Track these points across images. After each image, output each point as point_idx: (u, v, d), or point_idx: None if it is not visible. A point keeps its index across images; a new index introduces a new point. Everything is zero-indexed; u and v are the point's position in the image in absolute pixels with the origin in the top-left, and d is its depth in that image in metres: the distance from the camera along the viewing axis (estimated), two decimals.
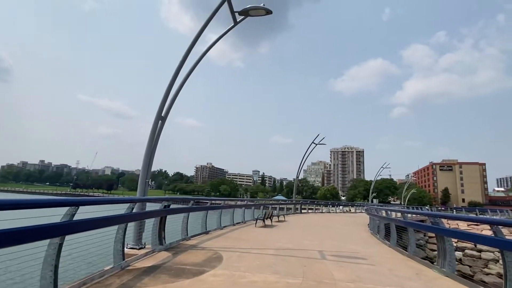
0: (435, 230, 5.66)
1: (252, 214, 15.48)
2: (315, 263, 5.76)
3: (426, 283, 4.77)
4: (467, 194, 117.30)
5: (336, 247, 8.12)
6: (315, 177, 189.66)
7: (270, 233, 10.63)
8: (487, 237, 4.16)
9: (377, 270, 5.45)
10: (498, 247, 4.06)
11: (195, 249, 6.76)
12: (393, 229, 8.80)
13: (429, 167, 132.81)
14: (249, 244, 7.80)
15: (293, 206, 23.82)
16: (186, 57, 7.42)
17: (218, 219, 11.00)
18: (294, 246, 7.71)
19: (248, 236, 9.38)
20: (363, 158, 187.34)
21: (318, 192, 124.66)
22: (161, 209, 6.54)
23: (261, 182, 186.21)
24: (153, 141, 7.13)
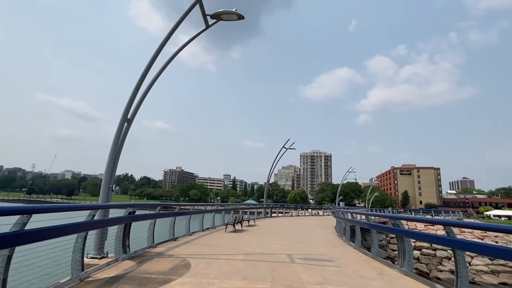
0: (396, 231, 5.99)
1: (222, 219, 15.31)
2: (284, 267, 5.82)
3: (388, 282, 5.01)
4: (424, 196, 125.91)
5: (304, 250, 8.28)
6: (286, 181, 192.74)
7: (240, 238, 10.57)
8: (440, 237, 4.49)
9: (342, 272, 5.63)
10: (450, 246, 4.40)
11: (161, 256, 6.51)
12: (358, 231, 9.17)
13: (391, 171, 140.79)
14: (218, 250, 7.68)
15: (264, 210, 23.94)
16: (155, 58, 7.21)
17: (187, 225, 10.72)
18: (263, 251, 7.74)
19: (217, 242, 9.24)
20: (331, 163, 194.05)
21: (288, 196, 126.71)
22: (125, 215, 6.23)
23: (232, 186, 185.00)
24: (118, 144, 6.79)
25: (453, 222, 4.49)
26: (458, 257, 4.35)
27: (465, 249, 4.24)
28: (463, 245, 4.28)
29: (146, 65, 7.17)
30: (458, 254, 4.36)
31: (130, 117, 7.00)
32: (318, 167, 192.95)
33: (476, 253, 4.03)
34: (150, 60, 7.19)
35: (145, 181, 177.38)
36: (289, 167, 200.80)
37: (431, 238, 4.70)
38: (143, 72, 7.11)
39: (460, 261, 4.34)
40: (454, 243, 4.35)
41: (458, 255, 4.36)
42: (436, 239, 4.59)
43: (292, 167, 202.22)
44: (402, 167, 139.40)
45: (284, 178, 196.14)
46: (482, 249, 4.05)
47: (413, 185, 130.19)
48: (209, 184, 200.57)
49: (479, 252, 4.02)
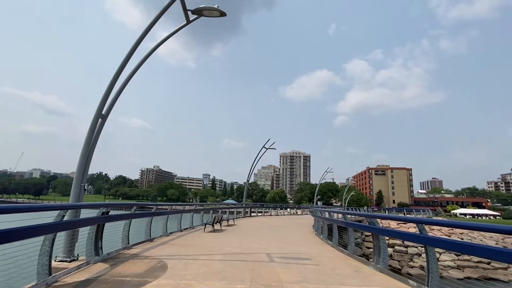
0: (371, 229, 6.16)
1: (201, 219, 15.09)
2: (263, 267, 5.80)
3: (364, 279, 5.13)
4: (397, 196, 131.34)
5: (283, 249, 8.32)
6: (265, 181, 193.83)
7: (219, 238, 10.45)
8: (414, 235, 4.67)
9: (320, 270, 5.71)
10: (422, 243, 4.57)
11: (137, 258, 6.28)
12: (335, 229, 9.36)
13: (366, 171, 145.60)
14: (196, 250, 7.54)
15: (243, 210, 23.89)
16: (132, 53, 6.94)
17: (164, 225, 10.45)
18: (242, 250, 7.69)
19: (195, 242, 9.08)
20: (309, 163, 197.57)
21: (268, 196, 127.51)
22: (98, 216, 5.94)
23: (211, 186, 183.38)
24: (92, 141, 6.47)
25: (424, 220, 4.67)
26: (429, 254, 4.53)
27: (436, 245, 4.42)
28: (434, 242, 4.46)
29: (123, 60, 6.88)
30: (429, 250, 4.54)
31: (104, 113, 6.69)
32: (297, 167, 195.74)
33: (446, 249, 4.24)
34: (127, 55, 6.91)
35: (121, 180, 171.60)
36: (269, 167, 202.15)
37: (405, 236, 4.87)
38: (119, 67, 6.82)
39: (431, 258, 4.52)
40: (426, 240, 4.52)
41: (430, 252, 4.54)
42: (409, 236, 4.77)
43: (271, 167, 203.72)
44: (377, 167, 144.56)
45: (263, 178, 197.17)
46: (452, 246, 4.24)
47: (387, 185, 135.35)
48: (188, 183, 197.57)
49: (449, 248, 4.20)
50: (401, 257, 27.16)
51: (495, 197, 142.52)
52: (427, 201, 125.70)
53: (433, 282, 4.41)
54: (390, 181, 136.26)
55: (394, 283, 4.89)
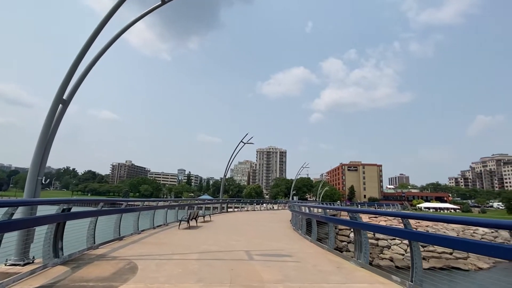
0: (354, 224, 6.04)
1: (175, 215, 14.47)
2: (243, 265, 5.47)
3: (346, 275, 4.98)
4: (368, 191, 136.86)
5: (262, 245, 8.06)
6: (242, 176, 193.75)
7: (194, 235, 9.98)
8: (399, 229, 4.57)
9: (302, 267, 5.49)
10: (407, 238, 4.48)
11: (103, 259, 5.70)
12: (314, 224, 9.25)
13: (339, 167, 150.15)
14: (170, 249, 7.05)
15: (220, 205, 23.43)
16: (97, 34, 6.25)
17: (135, 222, 9.80)
18: (220, 248, 7.32)
19: (169, 240, 8.56)
20: (285, 158, 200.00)
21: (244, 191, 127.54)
22: (58, 213, 5.29)
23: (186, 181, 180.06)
24: (51, 129, 5.74)
25: (409, 214, 4.57)
26: (414, 248, 4.44)
27: (421, 240, 4.34)
28: (419, 237, 4.38)
29: (87, 40, 6.17)
30: (414, 245, 4.45)
31: (66, 99, 5.96)
32: (273, 163, 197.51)
33: (431, 244, 4.15)
34: (92, 35, 6.20)
35: (90, 175, 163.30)
36: (245, 162, 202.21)
37: (389, 231, 4.78)
38: (82, 47, 6.10)
39: (416, 252, 4.44)
40: (411, 235, 4.43)
41: (414, 247, 4.45)
42: (394, 231, 4.67)
43: (248, 162, 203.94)
44: (349, 163, 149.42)
45: (240, 173, 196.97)
46: (438, 240, 4.17)
47: (358, 180, 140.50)
48: (162, 179, 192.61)
49: (434, 243, 4.13)
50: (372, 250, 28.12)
51: (456, 192, 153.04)
52: (395, 196, 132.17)
53: (417, 277, 4.32)
54: (362, 176, 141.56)
55: (376, 279, 4.77)
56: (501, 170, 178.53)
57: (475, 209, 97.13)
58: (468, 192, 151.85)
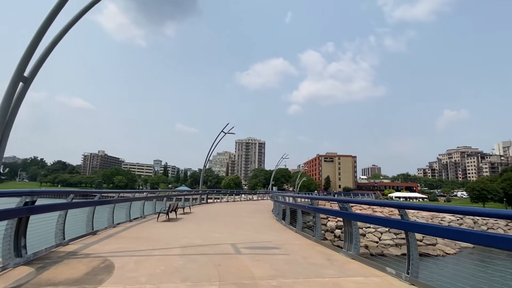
0: (345, 215, 5.88)
1: (153, 207, 13.83)
2: (230, 260, 5.13)
3: (339, 268, 4.80)
4: (343, 181, 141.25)
5: (248, 237, 7.76)
6: (220, 167, 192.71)
7: (175, 227, 9.50)
8: (394, 220, 4.42)
9: (292, 260, 5.25)
10: (403, 228, 4.34)
11: (74, 257, 5.13)
12: (299, 215, 9.10)
13: (316, 158, 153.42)
14: (150, 243, 6.55)
15: (199, 196, 22.89)
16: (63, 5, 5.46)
17: (110, 215, 9.14)
18: (203, 241, 6.92)
19: (148, 234, 8.03)
20: (264, 150, 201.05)
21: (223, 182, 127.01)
22: (19, 207, 4.63)
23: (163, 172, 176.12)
24: (9, 110, 4.98)
25: (407, 205, 4.42)
26: (410, 240, 4.32)
27: (418, 231, 4.21)
28: (416, 228, 4.25)
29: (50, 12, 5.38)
30: (410, 236, 4.33)
31: (28, 76, 5.19)
32: (252, 154, 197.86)
33: (429, 234, 4.03)
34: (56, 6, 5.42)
35: (60, 166, 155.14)
36: (224, 153, 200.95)
37: (384, 222, 4.63)
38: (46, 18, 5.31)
39: (412, 243, 4.31)
40: (408, 226, 4.29)
41: (411, 238, 4.32)
42: (389, 222, 4.52)
43: (227, 153, 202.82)
44: (326, 154, 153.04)
45: (219, 164, 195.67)
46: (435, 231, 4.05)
47: (334, 171, 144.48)
48: (137, 170, 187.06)
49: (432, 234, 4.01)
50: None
51: (424, 182, 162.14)
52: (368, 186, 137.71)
53: (413, 269, 4.21)
54: (337, 167, 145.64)
55: (371, 271, 4.63)
56: (465, 162, 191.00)
57: (441, 198, 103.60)
58: (435, 182, 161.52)
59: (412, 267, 4.21)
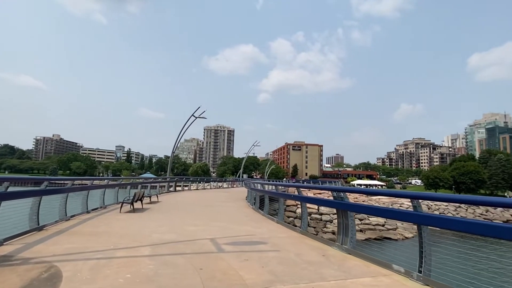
0: (339, 205, 5.28)
1: (115, 196, 12.41)
2: (213, 261, 4.28)
3: (340, 267, 4.18)
4: (309, 169, 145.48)
5: (227, 230, 6.93)
6: (188, 154, 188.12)
7: (142, 220, 8.37)
8: (405, 212, 3.87)
9: (285, 258, 4.54)
10: (416, 221, 3.79)
11: (7, 264, 3.94)
12: (281, 204, 8.48)
13: (285, 146, 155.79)
14: (111, 240, 5.46)
15: (167, 184, 21.48)
16: None
17: (62, 206, 7.76)
18: (177, 237, 5.96)
19: (110, 228, 6.86)
20: (233, 137, 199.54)
21: (190, 169, 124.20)
22: None
23: (126, 158, 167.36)
24: None
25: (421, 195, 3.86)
26: (423, 234, 3.80)
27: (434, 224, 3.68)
28: (431, 220, 3.73)
29: None
30: (424, 231, 3.80)
31: None
32: (221, 141, 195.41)
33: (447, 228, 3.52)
34: None
35: (7, 150, 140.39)
36: (192, 140, 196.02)
37: (393, 214, 4.08)
38: None
39: (425, 238, 3.80)
40: (421, 219, 3.75)
41: (424, 232, 3.80)
42: (399, 214, 3.97)
43: (195, 140, 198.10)
44: (294, 143, 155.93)
45: (186, 151, 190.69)
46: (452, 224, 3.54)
47: (301, 159, 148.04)
48: (98, 156, 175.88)
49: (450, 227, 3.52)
50: (316, 224, 29.61)
51: (382, 171, 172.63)
52: (333, 174, 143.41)
53: (426, 267, 3.71)
54: (305, 156, 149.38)
55: (376, 270, 4.07)
56: (419, 152, 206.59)
57: (397, 186, 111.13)
58: (392, 171, 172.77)
59: (425, 265, 3.71)
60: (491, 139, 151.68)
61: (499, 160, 69.29)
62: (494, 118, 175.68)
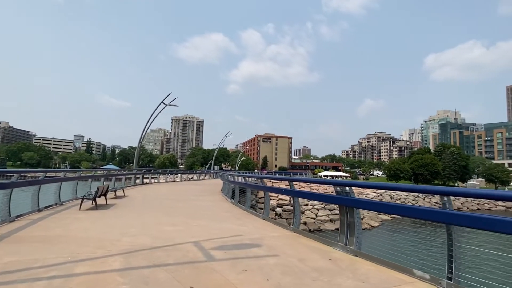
0: (343, 201, 4.70)
1: (74, 190, 10.90)
2: (204, 274, 3.44)
3: (354, 274, 3.59)
4: (279, 161, 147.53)
5: (210, 230, 6.08)
6: (154, 145, 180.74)
7: (107, 219, 7.19)
8: (431, 210, 3.35)
9: (289, 266, 3.85)
10: (444, 221, 3.27)
11: None
12: (267, 199, 7.81)
13: (255, 138, 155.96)
14: (69, 249, 4.36)
15: (133, 177, 19.83)
16: None
17: (5, 204, 6.37)
18: (153, 241, 4.99)
19: (66, 231, 5.66)
20: (202, 128, 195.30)
21: (157, 160, 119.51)
22: None
23: (86, 149, 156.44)
24: None
25: (453, 190, 3.35)
26: (453, 236, 3.31)
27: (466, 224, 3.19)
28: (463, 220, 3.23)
29: None
30: (454, 231, 3.32)
31: None
32: (189, 132, 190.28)
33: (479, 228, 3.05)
34: None
35: None
36: (159, 131, 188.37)
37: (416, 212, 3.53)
38: None
39: (456, 240, 3.32)
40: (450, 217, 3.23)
41: (454, 233, 3.31)
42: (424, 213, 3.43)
43: (162, 131, 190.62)
44: (264, 135, 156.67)
45: (152, 142, 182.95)
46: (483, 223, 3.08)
47: (271, 151, 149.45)
48: (54, 146, 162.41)
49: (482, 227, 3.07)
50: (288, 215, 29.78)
51: (347, 162, 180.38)
52: (301, 165, 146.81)
53: (456, 273, 3.23)
54: (275, 147, 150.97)
55: (396, 276, 3.53)
56: (380, 145, 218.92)
57: (361, 177, 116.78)
58: (355, 163, 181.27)
59: (455, 271, 3.23)
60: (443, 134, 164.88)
61: (452, 153, 75.35)
62: (446, 114, 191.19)
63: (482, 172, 77.36)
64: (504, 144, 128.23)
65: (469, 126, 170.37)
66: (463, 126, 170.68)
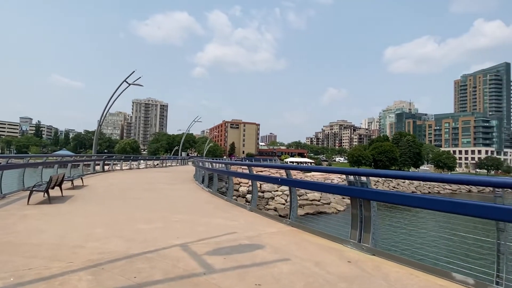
0: (360, 193, 4.10)
1: (20, 180, 9.19)
2: None
3: (386, 280, 3.01)
4: (246, 147, 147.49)
5: (196, 227, 5.17)
6: (113, 129, 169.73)
7: (65, 216, 5.92)
8: (480, 205, 2.85)
9: (308, 274, 3.15)
10: (497, 218, 2.80)
11: None
12: (255, 189, 7.06)
13: (222, 124, 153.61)
14: (13, 262, 3.21)
15: (93, 163, 17.83)
16: None
17: None
18: (128, 245, 3.98)
19: (10, 235, 4.39)
20: (166, 112, 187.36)
21: (117, 146, 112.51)
22: None
23: (35, 133, 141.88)
24: None
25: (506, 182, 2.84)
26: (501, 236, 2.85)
27: None
28: None
29: None
30: (506, 230, 2.85)
31: None
32: (152, 116, 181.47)
33: None
34: None
35: None
36: (118, 114, 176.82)
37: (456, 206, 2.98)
38: None
39: (502, 238, 2.86)
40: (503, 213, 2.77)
41: (506, 231, 2.85)
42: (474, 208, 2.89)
43: (122, 114, 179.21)
44: (232, 121, 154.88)
45: (111, 126, 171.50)
46: None
47: (239, 137, 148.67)
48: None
49: None
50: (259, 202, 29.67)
51: (311, 149, 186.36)
52: (268, 152, 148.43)
53: (506, 277, 2.79)
54: (242, 134, 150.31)
55: (430, 279, 3.02)
56: (341, 133, 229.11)
57: (324, 163, 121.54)
58: (319, 149, 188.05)
59: (500, 272, 2.79)
60: (399, 123, 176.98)
61: (408, 141, 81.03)
62: (402, 105, 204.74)
63: (432, 158, 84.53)
64: (450, 133, 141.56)
65: (422, 116, 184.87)
66: (417, 116, 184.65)
